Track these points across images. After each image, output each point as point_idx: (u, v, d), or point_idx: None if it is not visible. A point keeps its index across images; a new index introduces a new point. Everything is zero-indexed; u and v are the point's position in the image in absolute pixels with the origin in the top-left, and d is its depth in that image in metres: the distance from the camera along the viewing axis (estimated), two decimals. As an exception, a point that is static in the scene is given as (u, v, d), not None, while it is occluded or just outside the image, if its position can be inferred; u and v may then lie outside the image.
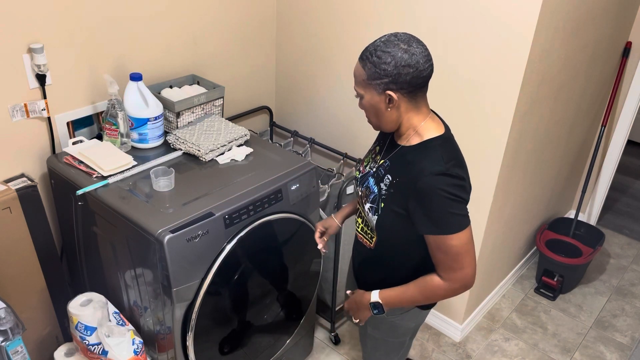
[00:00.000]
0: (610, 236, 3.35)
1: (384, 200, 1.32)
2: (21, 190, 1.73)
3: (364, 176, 1.43)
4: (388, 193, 1.31)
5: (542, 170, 2.55)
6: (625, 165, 4.08)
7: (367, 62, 1.20)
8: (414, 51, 1.18)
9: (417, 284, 1.35)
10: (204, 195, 1.67)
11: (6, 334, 1.53)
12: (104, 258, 1.80)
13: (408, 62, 1.17)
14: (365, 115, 1.33)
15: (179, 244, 1.51)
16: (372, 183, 1.36)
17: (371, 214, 1.36)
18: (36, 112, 1.80)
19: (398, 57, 1.17)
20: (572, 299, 2.84)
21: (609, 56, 2.66)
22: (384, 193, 1.32)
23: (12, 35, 1.67)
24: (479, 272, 2.39)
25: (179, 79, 2.14)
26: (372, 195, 1.35)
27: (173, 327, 1.62)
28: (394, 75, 1.18)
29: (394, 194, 1.29)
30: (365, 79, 1.22)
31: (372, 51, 1.20)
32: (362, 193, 1.41)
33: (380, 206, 1.33)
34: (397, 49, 1.17)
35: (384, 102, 1.23)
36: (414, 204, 1.25)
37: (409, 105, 1.25)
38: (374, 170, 1.38)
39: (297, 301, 2.09)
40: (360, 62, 1.23)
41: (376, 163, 1.39)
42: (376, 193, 1.34)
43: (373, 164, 1.40)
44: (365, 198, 1.38)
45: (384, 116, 1.27)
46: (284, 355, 2.15)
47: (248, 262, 1.75)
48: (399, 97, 1.22)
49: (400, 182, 1.28)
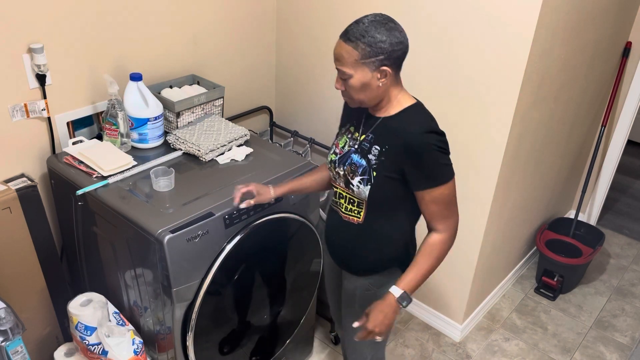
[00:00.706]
0: (610, 236, 3.35)
1: (376, 169, 1.39)
2: (21, 190, 1.73)
3: (343, 156, 1.47)
4: (379, 161, 1.38)
5: (542, 170, 2.55)
6: (625, 165, 4.08)
7: (359, 43, 1.27)
8: (400, 29, 1.31)
9: (423, 254, 1.43)
10: (204, 195, 1.67)
11: (6, 334, 1.53)
12: (104, 258, 1.80)
13: (400, 39, 1.29)
14: (346, 93, 1.38)
15: (179, 244, 1.51)
16: (357, 158, 1.42)
17: (363, 185, 1.41)
18: (36, 112, 1.80)
19: (392, 35, 1.28)
20: (572, 299, 2.84)
21: (609, 56, 2.66)
22: (375, 163, 1.39)
23: (12, 35, 1.67)
24: (479, 271, 2.39)
25: (179, 79, 2.14)
26: (361, 168, 1.41)
27: (173, 327, 1.62)
28: (389, 52, 1.28)
29: (384, 162, 1.37)
30: (358, 59, 1.29)
31: (363, 32, 1.27)
32: (345, 171, 1.45)
33: (372, 175, 1.39)
34: (388, 29, 1.28)
35: (376, 78, 1.32)
36: (409, 165, 1.35)
37: (394, 80, 1.36)
38: (355, 147, 1.44)
39: (297, 301, 2.09)
40: (349, 44, 1.29)
41: (356, 140, 1.45)
42: (365, 165, 1.40)
43: (352, 142, 1.46)
44: (353, 174, 1.43)
45: (373, 92, 1.35)
46: (284, 355, 2.15)
47: (248, 262, 1.75)
48: (390, 72, 1.32)
49: (390, 149, 1.37)
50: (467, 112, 2.05)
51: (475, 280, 2.39)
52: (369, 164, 1.39)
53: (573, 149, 2.86)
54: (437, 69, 2.07)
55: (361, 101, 1.38)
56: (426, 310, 2.60)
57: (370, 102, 1.38)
